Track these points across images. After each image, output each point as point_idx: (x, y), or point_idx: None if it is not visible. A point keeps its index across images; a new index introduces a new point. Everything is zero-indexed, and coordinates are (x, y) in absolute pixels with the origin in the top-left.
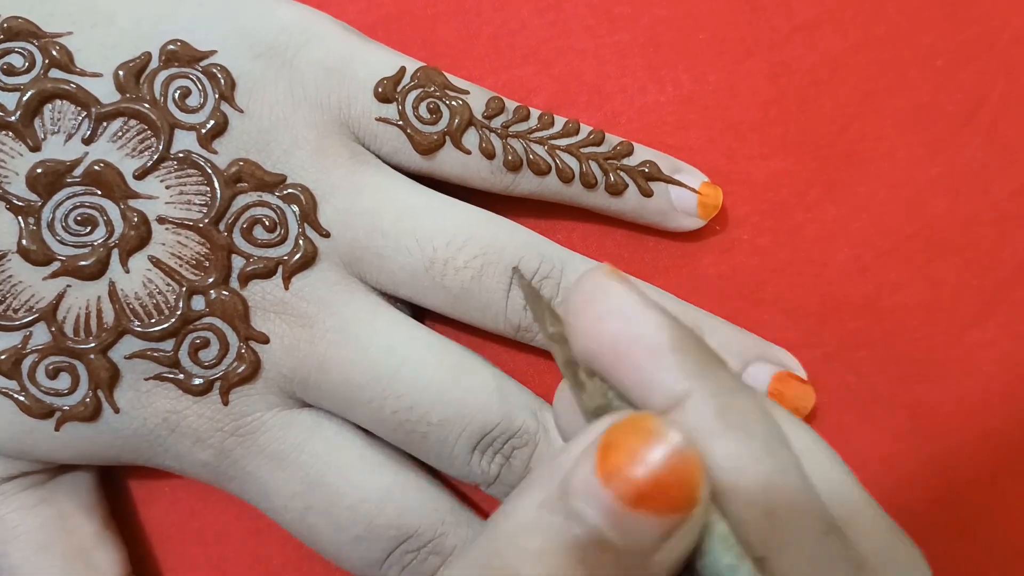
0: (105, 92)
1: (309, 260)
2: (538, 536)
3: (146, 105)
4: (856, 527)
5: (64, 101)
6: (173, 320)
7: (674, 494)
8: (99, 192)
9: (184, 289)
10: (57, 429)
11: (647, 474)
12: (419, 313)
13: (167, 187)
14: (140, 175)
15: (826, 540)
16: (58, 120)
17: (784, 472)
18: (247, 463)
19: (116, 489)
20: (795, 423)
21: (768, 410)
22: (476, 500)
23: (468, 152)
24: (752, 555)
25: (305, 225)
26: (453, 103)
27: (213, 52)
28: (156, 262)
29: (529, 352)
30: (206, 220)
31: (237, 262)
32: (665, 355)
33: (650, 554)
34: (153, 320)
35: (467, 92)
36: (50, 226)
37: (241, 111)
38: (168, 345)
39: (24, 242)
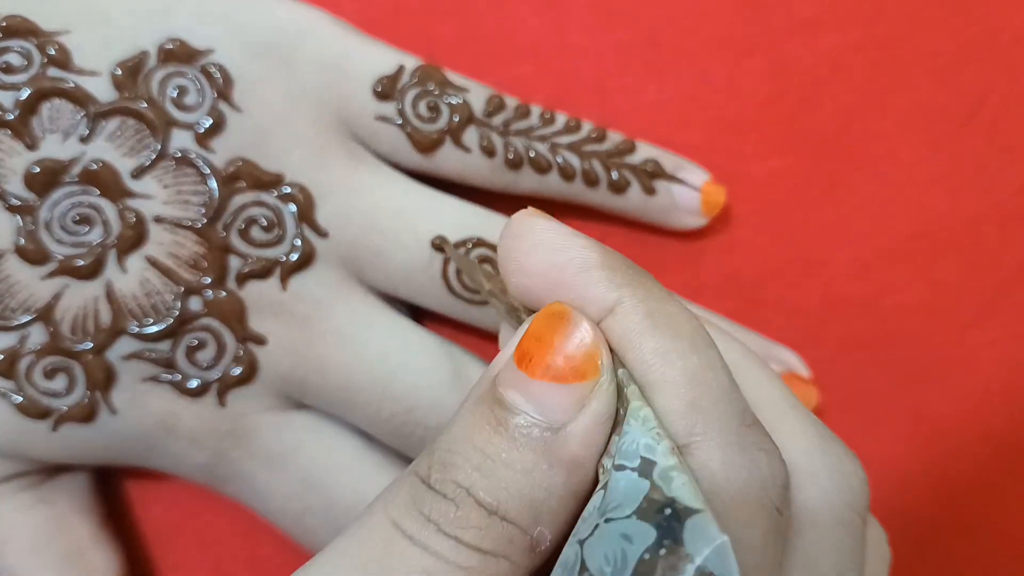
0: (102, 91)
1: (307, 260)
2: (471, 421)
3: (143, 104)
4: (785, 430)
5: (62, 100)
6: (170, 321)
7: (577, 363)
8: (96, 191)
9: (181, 289)
10: (54, 430)
11: (551, 348)
12: (417, 315)
13: (164, 186)
14: (137, 174)
15: (747, 431)
16: (55, 119)
17: (709, 367)
18: (243, 465)
19: (113, 490)
20: (727, 338)
21: (695, 316)
22: None
23: (468, 150)
24: (676, 443)
25: (303, 225)
26: (453, 101)
27: (211, 51)
28: (153, 262)
29: None
30: (203, 220)
31: (234, 262)
32: (594, 271)
33: (564, 424)
34: (150, 321)
35: (467, 90)
36: (47, 225)
37: (239, 110)
38: (165, 346)
39: (21, 241)
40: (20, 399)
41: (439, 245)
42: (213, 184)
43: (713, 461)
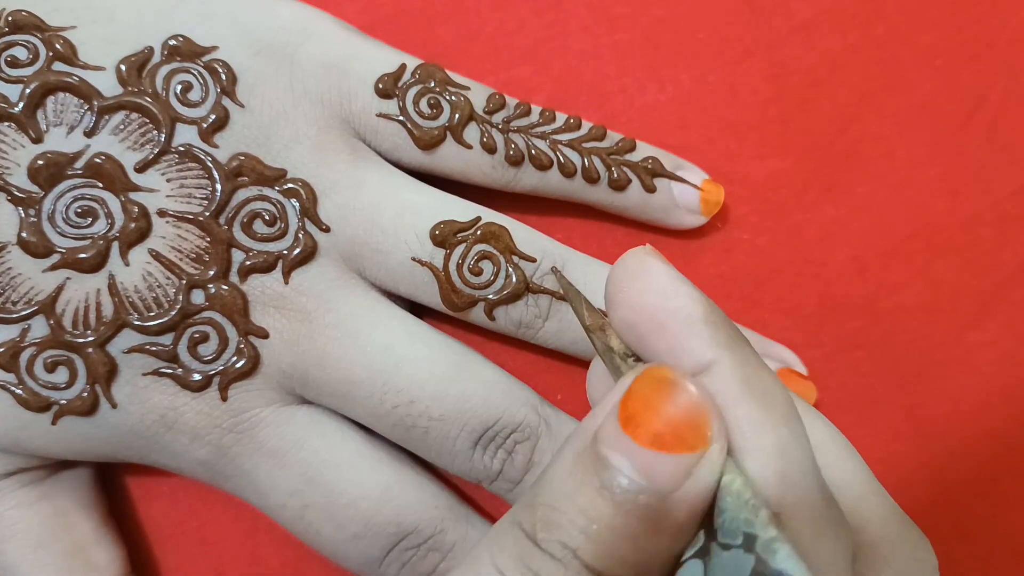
0: (107, 85)
1: (309, 255)
2: (572, 480)
3: (148, 99)
4: (865, 512)
5: (67, 94)
6: (172, 314)
7: (685, 433)
8: (100, 184)
9: (184, 283)
10: (54, 423)
11: (659, 415)
12: (418, 311)
13: (168, 180)
14: (141, 168)
15: (827, 507)
16: (60, 112)
17: (797, 441)
18: (245, 461)
19: (114, 488)
20: (812, 411)
21: (787, 388)
22: (476, 500)
23: (469, 147)
24: (770, 510)
25: (305, 220)
26: (454, 98)
27: (215, 47)
28: (156, 255)
29: (529, 350)
30: (206, 214)
31: (237, 256)
32: (698, 326)
33: (670, 492)
34: (152, 314)
35: (468, 88)
36: (50, 218)
37: (242, 106)
38: (167, 339)
39: (24, 234)
40: (21, 392)
41: (554, 274)
42: (217, 178)
43: (802, 534)
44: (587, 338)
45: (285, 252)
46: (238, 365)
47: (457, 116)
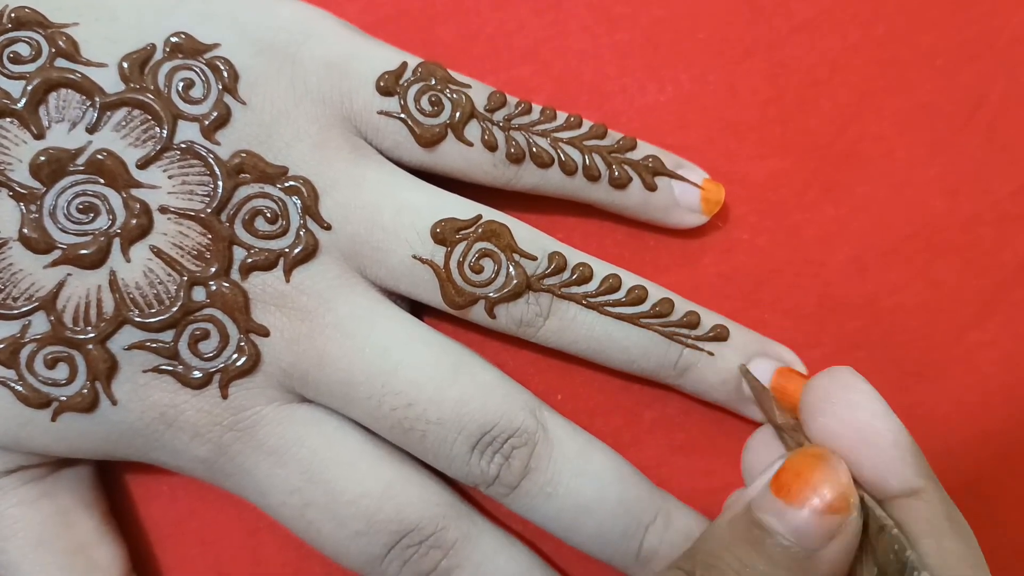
0: (110, 82)
1: (310, 253)
2: (732, 539)
3: (150, 95)
4: None
5: (69, 90)
6: (173, 311)
7: (830, 499)
8: (102, 181)
9: (185, 279)
10: (54, 420)
11: (806, 482)
12: (418, 309)
13: (169, 177)
14: (143, 164)
15: None
16: (63, 108)
17: None
18: (245, 459)
19: (115, 487)
20: None
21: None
22: (477, 500)
23: (470, 144)
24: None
25: (306, 217)
26: (455, 96)
27: (217, 45)
28: (157, 252)
29: (529, 350)
30: (208, 210)
31: (238, 253)
32: (906, 453)
33: (817, 550)
34: (153, 310)
35: (468, 86)
36: (52, 214)
37: (244, 103)
38: (168, 336)
39: (25, 230)
40: (21, 388)
41: (742, 373)
42: (218, 175)
43: None
44: (591, 339)
45: (286, 250)
46: (239, 363)
47: (458, 114)
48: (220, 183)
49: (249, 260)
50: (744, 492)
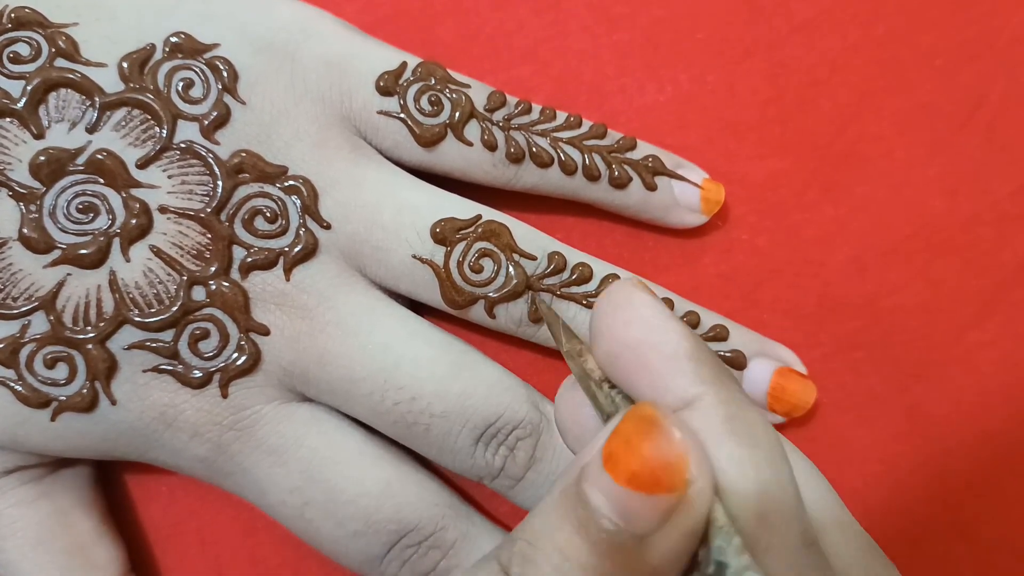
0: (109, 82)
1: (310, 252)
2: (554, 516)
3: (150, 95)
4: (836, 543)
5: (69, 90)
6: (173, 310)
7: (662, 474)
8: (101, 180)
9: (185, 279)
10: (53, 419)
11: (637, 455)
12: (418, 309)
13: (169, 177)
14: (143, 164)
15: (807, 552)
16: (63, 108)
17: (780, 483)
18: (244, 458)
19: (114, 487)
20: (793, 450)
21: (772, 426)
22: (477, 500)
23: (470, 144)
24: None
25: (306, 217)
26: (454, 96)
27: (216, 45)
28: (157, 251)
29: (529, 349)
30: (208, 210)
31: (238, 253)
32: (682, 361)
33: (648, 535)
34: (153, 310)
35: (468, 86)
36: (51, 214)
37: (243, 103)
38: (168, 336)
39: (25, 230)
40: (20, 388)
41: (532, 298)
42: (218, 175)
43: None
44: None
45: (286, 249)
46: (239, 362)
47: (458, 113)
48: (220, 183)
49: (249, 259)
50: (575, 460)
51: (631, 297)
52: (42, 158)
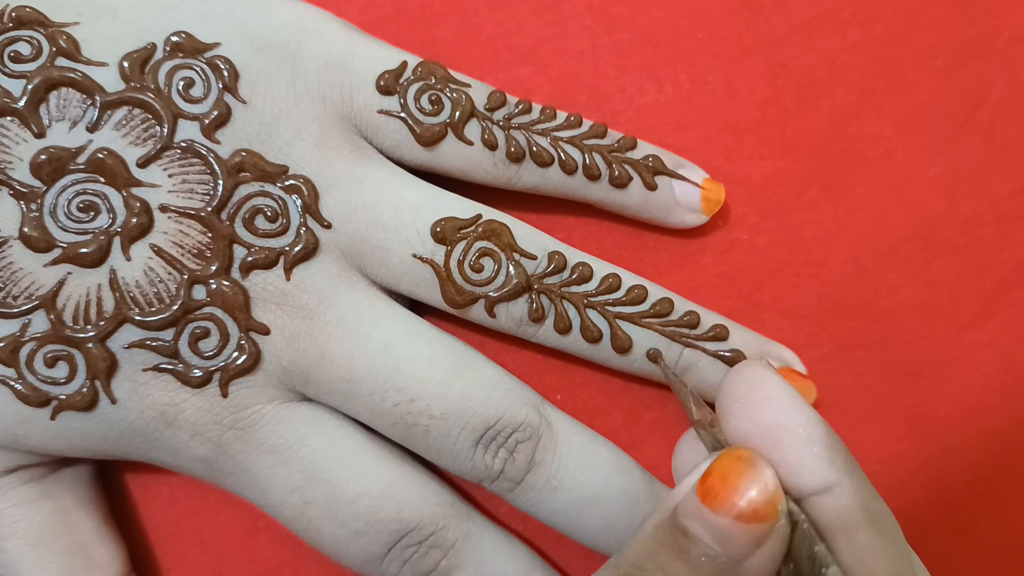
0: (110, 81)
1: (311, 251)
2: (656, 547)
3: (150, 94)
4: None
5: (70, 89)
6: (174, 309)
7: (756, 506)
8: (102, 179)
9: (185, 278)
10: (53, 418)
11: (732, 489)
12: (418, 309)
13: (170, 176)
14: (143, 163)
15: None
16: (63, 107)
17: (908, 571)
18: (245, 458)
19: (114, 487)
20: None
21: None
22: (478, 500)
23: (470, 143)
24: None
25: (307, 216)
26: (455, 95)
27: (217, 44)
28: (158, 250)
29: (530, 349)
30: (208, 209)
31: (239, 252)
32: (818, 446)
33: (742, 559)
34: (153, 309)
35: (468, 86)
36: (52, 212)
37: (244, 102)
38: (168, 335)
39: (25, 228)
40: (20, 387)
41: (654, 357)
42: (218, 174)
43: None
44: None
45: (287, 248)
46: (239, 361)
47: (458, 113)
48: (220, 182)
49: (249, 258)
50: (672, 494)
51: (765, 378)
52: (43, 157)
